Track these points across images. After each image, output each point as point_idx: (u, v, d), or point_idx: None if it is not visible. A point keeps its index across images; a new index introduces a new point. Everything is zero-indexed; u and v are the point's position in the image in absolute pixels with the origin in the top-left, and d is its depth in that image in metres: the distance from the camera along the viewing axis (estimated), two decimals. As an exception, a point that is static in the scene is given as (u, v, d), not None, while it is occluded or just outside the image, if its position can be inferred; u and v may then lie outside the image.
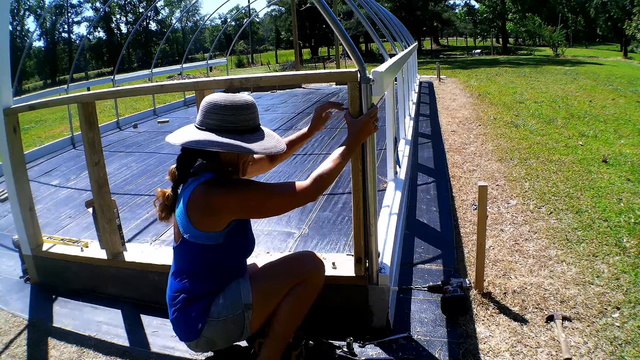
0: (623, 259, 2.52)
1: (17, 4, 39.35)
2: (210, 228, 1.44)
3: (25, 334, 2.21)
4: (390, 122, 3.07)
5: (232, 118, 1.43)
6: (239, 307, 1.49)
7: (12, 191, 2.51)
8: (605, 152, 4.67)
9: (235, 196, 1.42)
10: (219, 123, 1.43)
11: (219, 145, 1.38)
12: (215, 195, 1.42)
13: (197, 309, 1.48)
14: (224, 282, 1.52)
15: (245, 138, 1.42)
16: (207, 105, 1.45)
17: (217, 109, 1.43)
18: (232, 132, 1.43)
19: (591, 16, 37.37)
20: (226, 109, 1.43)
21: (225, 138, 1.40)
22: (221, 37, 31.74)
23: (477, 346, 1.88)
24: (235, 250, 1.53)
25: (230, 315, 1.49)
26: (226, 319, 1.48)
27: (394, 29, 7.81)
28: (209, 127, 1.44)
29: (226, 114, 1.43)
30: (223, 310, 1.48)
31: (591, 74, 13.72)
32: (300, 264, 1.62)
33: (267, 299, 1.54)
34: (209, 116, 1.44)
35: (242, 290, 1.51)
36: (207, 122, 1.44)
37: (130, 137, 6.99)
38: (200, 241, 1.45)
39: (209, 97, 1.47)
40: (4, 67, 2.41)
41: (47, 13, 41.70)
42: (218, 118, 1.43)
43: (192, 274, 1.51)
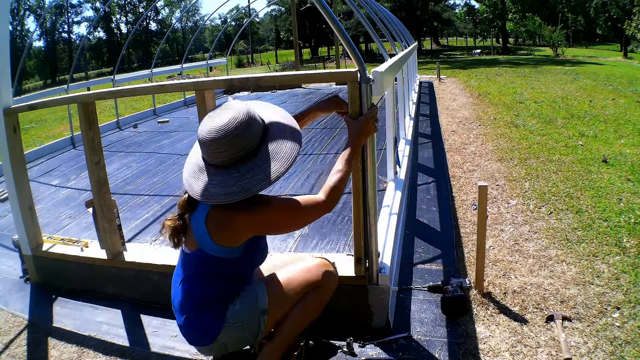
0: (623, 259, 2.52)
1: (17, 4, 39.35)
2: (229, 243, 1.43)
3: (25, 334, 2.21)
4: (390, 122, 3.07)
5: (206, 152, 1.38)
6: (256, 312, 1.49)
7: (12, 191, 2.51)
8: (605, 152, 4.67)
9: (257, 217, 1.40)
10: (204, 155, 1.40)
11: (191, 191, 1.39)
12: (238, 214, 1.38)
13: (212, 315, 1.47)
14: (237, 287, 1.52)
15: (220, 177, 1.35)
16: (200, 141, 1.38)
17: (202, 145, 1.38)
18: (213, 167, 1.37)
19: (591, 16, 37.39)
20: (200, 143, 1.37)
21: (206, 177, 1.36)
22: (221, 37, 31.72)
23: (477, 346, 1.88)
24: (250, 261, 1.53)
25: (247, 320, 1.49)
26: (243, 324, 1.48)
27: (394, 29, 7.81)
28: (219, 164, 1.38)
29: (201, 148, 1.39)
30: (240, 316, 1.48)
31: (591, 74, 13.72)
32: (317, 271, 1.62)
33: (282, 304, 1.54)
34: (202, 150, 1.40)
35: (259, 295, 1.51)
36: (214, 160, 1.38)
37: (130, 137, 7.00)
38: (217, 254, 1.44)
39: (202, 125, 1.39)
40: (4, 67, 2.41)
41: (47, 13, 41.70)
42: (207, 155, 1.39)
43: (204, 281, 1.49)
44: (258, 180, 1.33)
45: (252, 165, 1.35)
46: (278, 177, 1.34)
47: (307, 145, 5.46)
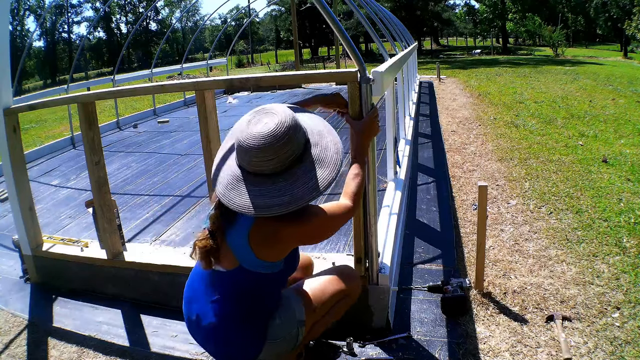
0: (623, 259, 2.52)
1: (17, 4, 39.34)
2: (273, 258, 1.37)
3: (25, 334, 2.21)
4: (390, 122, 3.07)
5: (245, 162, 1.26)
6: (294, 324, 1.47)
7: (12, 191, 2.51)
8: (605, 152, 4.67)
9: (306, 227, 1.34)
10: (244, 164, 1.27)
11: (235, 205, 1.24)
12: (287, 226, 1.30)
13: (253, 334, 1.41)
14: (276, 301, 1.48)
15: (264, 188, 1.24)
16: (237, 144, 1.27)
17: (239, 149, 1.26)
18: (257, 176, 1.25)
19: (591, 16, 37.39)
20: (242, 151, 1.24)
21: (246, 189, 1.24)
22: (221, 37, 31.73)
23: (477, 346, 1.88)
24: (288, 272, 1.49)
25: (287, 334, 1.46)
26: (283, 338, 1.46)
27: (394, 29, 7.81)
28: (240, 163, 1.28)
29: (241, 156, 1.26)
30: (280, 331, 1.45)
31: (591, 74, 13.72)
32: (347, 281, 1.62)
33: (317, 314, 1.54)
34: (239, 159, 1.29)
35: (296, 308, 1.48)
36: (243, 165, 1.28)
37: (130, 137, 6.99)
38: (259, 270, 1.36)
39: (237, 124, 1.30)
40: (4, 67, 2.41)
41: (47, 13, 41.68)
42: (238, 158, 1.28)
43: (244, 299, 1.40)
44: (309, 188, 1.23)
45: (299, 172, 1.25)
46: (329, 184, 1.25)
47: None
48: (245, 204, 1.22)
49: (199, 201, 3.75)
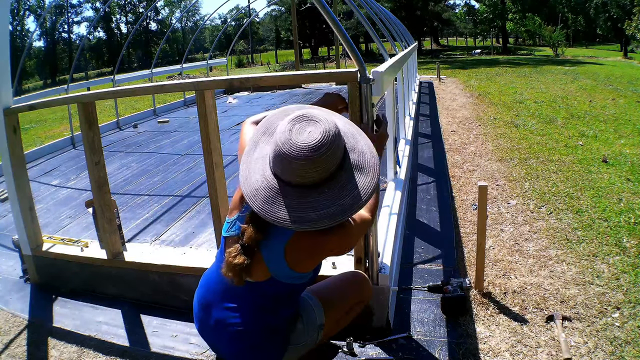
0: (623, 259, 2.52)
1: (17, 4, 39.34)
2: (308, 270, 1.35)
3: (25, 334, 2.21)
4: (390, 122, 3.07)
5: (290, 173, 1.14)
6: (316, 329, 1.48)
7: (12, 191, 2.51)
8: (605, 152, 4.67)
9: (344, 239, 1.31)
10: (285, 174, 1.15)
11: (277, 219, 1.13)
12: (329, 238, 1.25)
13: (278, 339, 1.41)
14: (298, 307, 1.48)
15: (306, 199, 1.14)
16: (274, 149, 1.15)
17: (278, 157, 1.14)
18: (299, 187, 1.14)
19: (591, 16, 37.37)
20: (285, 161, 1.12)
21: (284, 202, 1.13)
22: (221, 37, 31.73)
23: (477, 346, 1.88)
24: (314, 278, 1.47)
25: (308, 338, 1.47)
26: (305, 342, 1.46)
27: (394, 29, 7.81)
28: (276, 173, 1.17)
29: (285, 167, 1.14)
30: (302, 336, 1.45)
31: (591, 74, 13.72)
32: (363, 287, 1.63)
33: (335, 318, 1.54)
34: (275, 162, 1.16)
35: (317, 311, 1.49)
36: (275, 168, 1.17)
37: (130, 137, 7.00)
38: (292, 282, 1.34)
39: (276, 132, 1.17)
40: (4, 67, 2.41)
41: (47, 13, 41.69)
42: (278, 168, 1.16)
43: (274, 309, 1.38)
44: (355, 197, 1.14)
45: (343, 181, 1.16)
46: (373, 191, 1.18)
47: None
48: (291, 218, 1.12)
49: (199, 201, 3.76)
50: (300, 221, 1.11)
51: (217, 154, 2.07)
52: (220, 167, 2.11)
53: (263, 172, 1.18)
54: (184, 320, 2.18)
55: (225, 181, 2.15)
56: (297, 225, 1.12)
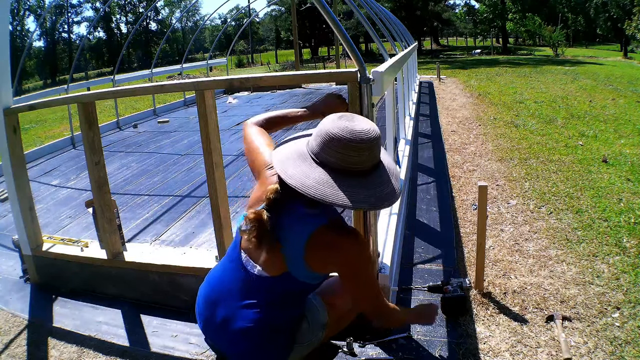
0: (623, 259, 2.52)
1: (17, 4, 39.33)
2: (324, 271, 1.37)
3: (25, 334, 2.21)
4: (390, 122, 3.07)
5: (352, 159, 1.20)
6: (320, 328, 1.48)
7: (12, 191, 2.51)
8: (605, 152, 4.67)
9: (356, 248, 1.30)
10: (339, 163, 1.20)
11: (339, 200, 1.17)
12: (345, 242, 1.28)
13: (284, 338, 1.40)
14: (304, 308, 1.48)
15: (363, 183, 1.21)
16: (326, 137, 1.21)
17: (337, 146, 1.19)
18: (351, 174, 1.20)
19: (591, 16, 37.36)
20: (348, 148, 1.19)
21: (342, 186, 1.18)
22: (221, 37, 31.72)
23: (477, 346, 1.88)
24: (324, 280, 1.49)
25: (313, 337, 1.47)
26: (310, 341, 1.47)
27: (394, 29, 7.81)
28: (326, 162, 1.21)
29: (347, 153, 1.19)
30: (308, 335, 1.45)
31: (591, 74, 13.72)
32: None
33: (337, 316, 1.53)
34: (327, 151, 1.21)
35: (321, 311, 1.48)
36: (325, 157, 1.21)
37: (130, 137, 7.00)
38: (307, 280, 1.34)
39: (329, 126, 1.22)
40: (4, 67, 2.41)
41: (47, 13, 41.68)
42: (338, 157, 1.20)
43: (283, 305, 1.38)
44: (394, 187, 1.24)
45: (384, 169, 1.26)
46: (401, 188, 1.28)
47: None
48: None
49: (199, 201, 3.76)
50: (362, 201, 1.19)
51: (217, 154, 2.07)
52: (220, 167, 2.11)
53: (308, 165, 1.23)
54: (184, 320, 2.18)
55: (225, 181, 2.15)
56: (355, 205, 1.18)
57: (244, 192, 3.90)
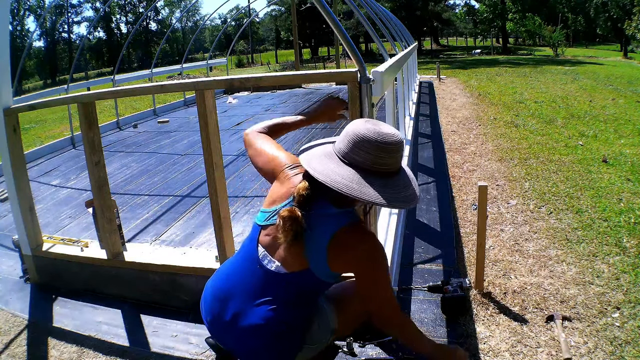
0: (623, 259, 2.52)
1: (17, 4, 39.34)
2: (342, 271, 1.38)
3: (25, 334, 2.21)
4: (391, 122, 3.07)
5: (382, 160, 1.26)
6: (329, 332, 1.48)
7: (12, 191, 2.51)
8: (605, 152, 4.67)
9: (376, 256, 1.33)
10: (368, 163, 1.26)
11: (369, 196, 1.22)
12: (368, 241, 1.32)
13: (294, 338, 1.40)
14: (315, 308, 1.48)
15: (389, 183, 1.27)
16: (356, 138, 1.26)
17: (368, 147, 1.25)
18: (378, 175, 1.26)
19: (591, 16, 37.35)
20: (379, 149, 1.25)
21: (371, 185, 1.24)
22: (221, 37, 31.74)
23: (477, 346, 1.88)
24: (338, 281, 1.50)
25: (323, 339, 1.47)
26: (319, 343, 1.46)
27: (394, 29, 7.82)
28: (354, 163, 1.27)
29: (377, 154, 1.25)
30: (317, 336, 1.45)
31: (591, 74, 13.73)
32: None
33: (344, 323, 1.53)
34: (357, 152, 1.26)
35: (330, 315, 1.48)
36: (354, 157, 1.27)
37: (130, 137, 7.00)
38: (325, 278, 1.35)
39: (359, 128, 1.28)
40: (4, 67, 2.41)
41: (47, 13, 41.69)
42: (367, 158, 1.26)
43: (297, 303, 1.38)
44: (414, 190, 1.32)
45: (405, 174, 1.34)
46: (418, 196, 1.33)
47: (307, 145, 5.46)
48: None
49: (199, 201, 3.76)
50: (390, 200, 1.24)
51: (217, 154, 2.08)
52: (220, 167, 2.11)
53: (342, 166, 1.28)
54: (184, 320, 2.18)
55: (225, 181, 2.15)
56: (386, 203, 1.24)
57: (244, 192, 3.90)
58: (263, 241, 1.38)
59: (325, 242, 1.29)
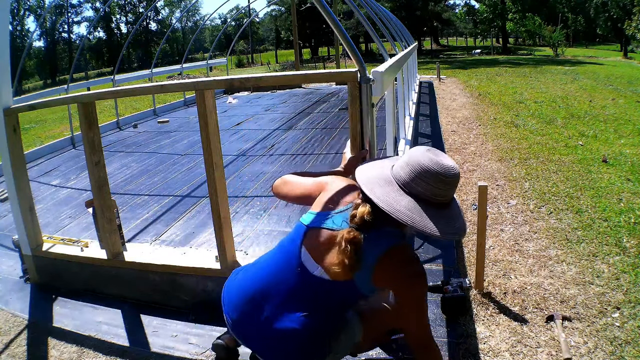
0: (623, 259, 2.52)
1: (17, 4, 39.34)
2: (383, 287, 1.40)
3: (25, 334, 2.21)
4: (390, 122, 3.07)
5: (441, 192, 1.28)
6: (352, 344, 1.49)
7: (12, 191, 2.51)
8: (605, 152, 4.67)
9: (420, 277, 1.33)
10: (427, 194, 1.28)
11: (430, 230, 1.24)
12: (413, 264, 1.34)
13: (324, 344, 1.40)
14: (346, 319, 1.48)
15: (445, 214, 1.30)
16: (419, 169, 1.28)
17: (428, 178, 1.27)
18: (435, 206, 1.29)
19: (591, 16, 37.35)
20: (439, 182, 1.27)
21: (429, 216, 1.26)
22: (221, 37, 31.74)
23: (477, 346, 1.88)
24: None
25: (347, 349, 1.48)
26: (340, 354, 1.47)
27: (394, 29, 7.82)
28: (413, 192, 1.29)
29: (437, 186, 1.28)
30: (342, 347, 1.45)
31: (591, 74, 13.73)
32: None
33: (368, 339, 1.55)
34: (418, 182, 1.28)
35: (357, 329, 1.49)
36: (414, 187, 1.28)
37: (130, 137, 7.00)
38: (365, 292, 1.36)
39: (421, 158, 1.29)
40: (4, 67, 2.41)
41: (47, 13, 41.70)
42: (427, 189, 1.28)
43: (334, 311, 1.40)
44: (463, 221, 1.35)
45: (455, 205, 1.37)
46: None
47: (307, 145, 5.46)
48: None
49: (199, 201, 3.76)
50: (445, 232, 1.25)
51: (217, 154, 2.08)
52: (220, 167, 2.11)
53: (399, 194, 1.30)
54: (184, 320, 2.18)
55: (225, 181, 2.15)
56: (440, 235, 1.25)
57: (244, 192, 3.90)
58: (308, 244, 1.37)
59: (374, 259, 1.29)
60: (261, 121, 7.54)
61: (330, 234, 1.34)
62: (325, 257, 1.33)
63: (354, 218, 1.31)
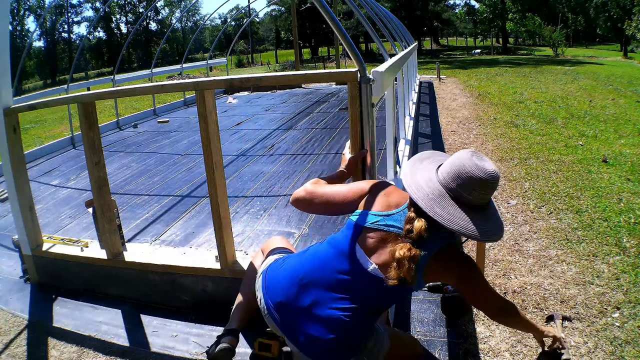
0: (623, 259, 2.52)
1: (17, 4, 39.34)
2: (437, 281, 1.51)
3: (25, 334, 2.21)
4: (390, 122, 3.07)
5: (484, 196, 1.34)
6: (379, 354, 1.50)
7: (12, 191, 2.51)
8: (605, 152, 4.67)
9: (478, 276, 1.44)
10: (474, 200, 1.33)
11: (488, 237, 1.35)
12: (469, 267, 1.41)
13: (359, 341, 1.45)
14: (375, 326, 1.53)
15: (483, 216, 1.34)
16: (468, 179, 1.32)
17: (475, 185, 1.32)
18: (477, 210, 1.34)
19: (591, 16, 37.35)
20: (484, 187, 1.32)
21: (477, 222, 1.31)
22: (221, 37, 31.71)
23: (477, 346, 1.88)
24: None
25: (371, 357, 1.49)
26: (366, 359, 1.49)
27: (394, 29, 7.82)
28: (462, 199, 1.33)
29: (481, 191, 1.33)
30: (369, 352, 1.48)
31: (591, 73, 13.73)
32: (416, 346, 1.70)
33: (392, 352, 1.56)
34: (468, 191, 1.32)
35: (385, 339, 1.52)
36: (463, 195, 1.33)
37: (130, 137, 6.99)
38: (414, 289, 1.43)
39: (469, 167, 1.32)
40: (4, 67, 2.41)
41: (47, 13, 41.69)
42: (475, 195, 1.32)
43: (373, 306, 1.44)
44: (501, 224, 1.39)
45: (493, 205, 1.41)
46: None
47: (307, 145, 5.46)
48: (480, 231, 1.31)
49: (199, 201, 3.75)
50: (484, 233, 1.32)
51: (217, 154, 2.07)
52: (220, 167, 2.11)
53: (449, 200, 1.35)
54: (184, 320, 2.18)
55: (225, 181, 2.15)
56: (482, 237, 1.32)
57: (244, 192, 3.90)
58: (363, 242, 1.41)
59: (426, 258, 1.34)
60: (261, 121, 7.54)
61: (383, 234, 1.39)
62: (379, 255, 1.38)
63: (410, 233, 1.34)
